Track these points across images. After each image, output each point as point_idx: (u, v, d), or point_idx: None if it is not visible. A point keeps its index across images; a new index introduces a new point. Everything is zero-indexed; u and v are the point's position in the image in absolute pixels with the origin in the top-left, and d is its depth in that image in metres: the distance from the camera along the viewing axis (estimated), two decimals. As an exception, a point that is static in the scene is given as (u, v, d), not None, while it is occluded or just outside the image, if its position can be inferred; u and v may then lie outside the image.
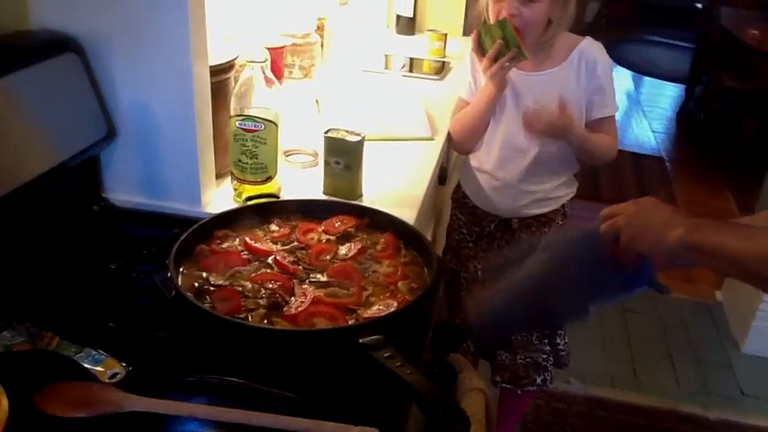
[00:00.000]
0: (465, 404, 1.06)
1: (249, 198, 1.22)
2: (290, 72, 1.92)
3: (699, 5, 5.17)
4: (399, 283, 1.00)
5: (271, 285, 0.97)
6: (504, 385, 1.80)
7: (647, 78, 6.24)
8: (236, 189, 1.29)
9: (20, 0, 1.14)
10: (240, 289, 0.96)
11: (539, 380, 1.80)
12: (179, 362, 0.89)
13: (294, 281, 0.99)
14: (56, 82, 1.09)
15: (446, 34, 2.34)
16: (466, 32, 2.58)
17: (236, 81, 1.28)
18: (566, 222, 1.77)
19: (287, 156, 1.46)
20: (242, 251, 1.05)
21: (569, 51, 1.62)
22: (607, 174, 4.15)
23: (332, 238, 1.10)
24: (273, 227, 1.12)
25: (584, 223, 1.01)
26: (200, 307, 0.90)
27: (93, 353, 0.89)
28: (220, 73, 1.28)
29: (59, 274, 1.04)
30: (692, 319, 2.90)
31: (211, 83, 1.24)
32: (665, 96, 5.80)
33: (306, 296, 0.95)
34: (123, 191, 1.26)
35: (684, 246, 0.85)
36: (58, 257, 1.09)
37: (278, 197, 1.25)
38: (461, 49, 1.70)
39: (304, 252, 1.06)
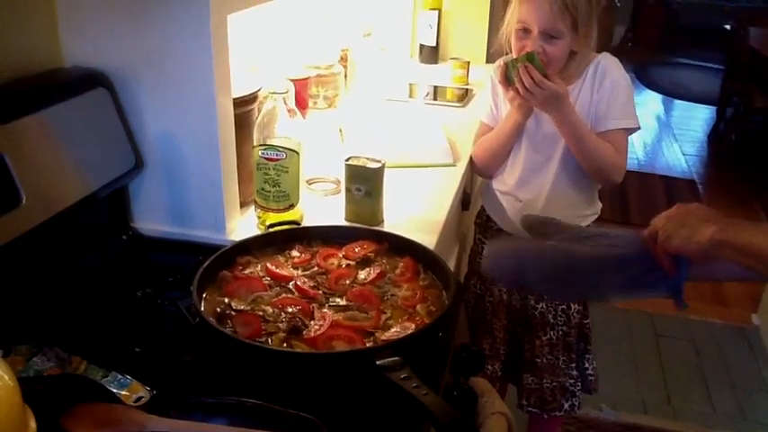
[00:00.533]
0: (487, 428, 1.06)
1: (271, 225, 1.25)
2: (315, 102, 1.97)
3: (727, 27, 5.12)
4: (418, 306, 1.02)
5: (291, 310, 0.99)
6: (530, 409, 1.79)
7: (677, 101, 6.20)
8: (259, 217, 1.32)
9: (54, 40, 1.20)
10: (261, 314, 0.98)
11: (566, 405, 1.79)
12: (202, 385, 0.91)
13: (314, 305, 1.01)
14: (87, 116, 1.14)
15: (468, 62, 2.37)
16: (488, 60, 2.61)
17: (259, 112, 1.32)
18: None
19: (310, 184, 1.50)
20: (263, 277, 1.08)
21: (584, 67, 1.63)
22: (637, 197, 4.13)
23: (352, 263, 1.12)
24: (295, 253, 1.14)
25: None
26: (221, 331, 0.92)
27: (120, 377, 0.91)
28: (244, 104, 1.32)
29: (88, 300, 1.08)
30: (727, 343, 2.84)
31: (235, 114, 1.28)
32: (696, 119, 5.75)
33: (325, 320, 0.96)
34: (151, 220, 1.30)
35: (714, 242, 0.89)
36: (87, 285, 1.12)
37: (299, 224, 1.28)
38: (483, 77, 1.72)
39: (324, 277, 1.08)
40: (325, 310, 1.00)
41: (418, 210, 1.44)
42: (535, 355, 1.77)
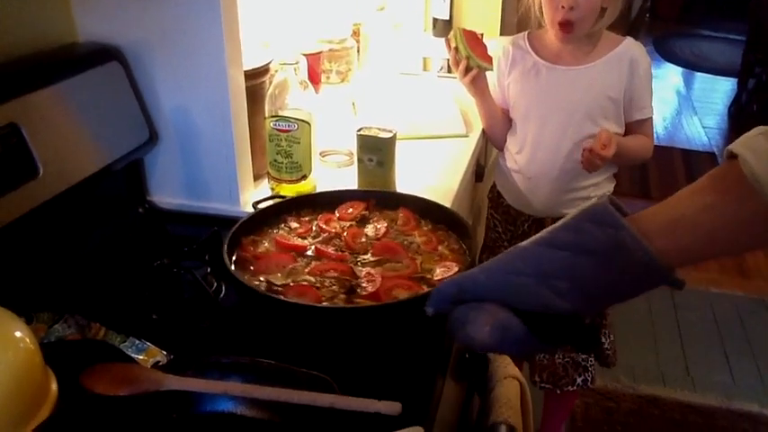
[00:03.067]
0: (500, 392, 1.07)
1: (256, 203, 1.23)
2: (328, 77, 1.97)
3: (748, -4, 5.03)
4: (440, 248, 1.06)
5: (333, 273, 1.00)
6: (543, 385, 1.80)
7: (698, 74, 6.10)
8: (273, 189, 1.33)
9: (68, 16, 1.21)
10: (306, 283, 0.98)
11: (579, 380, 1.79)
12: (218, 349, 0.93)
13: (350, 265, 1.02)
14: (101, 90, 1.15)
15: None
16: (503, 32, 2.59)
17: (271, 84, 1.33)
18: None
19: (323, 156, 1.50)
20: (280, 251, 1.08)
21: (610, 49, 1.62)
22: (657, 171, 4.08)
23: (352, 223, 1.13)
24: (293, 224, 1.14)
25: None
26: (291, 303, 0.92)
27: (137, 342, 0.93)
28: (256, 77, 1.33)
29: (107, 270, 1.10)
30: (748, 315, 2.82)
31: (247, 87, 1.29)
32: (717, 91, 5.66)
33: (373, 275, 0.98)
34: (167, 193, 1.32)
35: None
36: (105, 255, 1.15)
37: (284, 197, 1.25)
38: (497, 48, 1.72)
39: (338, 240, 1.09)
40: (360, 267, 1.01)
41: (431, 180, 1.45)
42: (548, 329, 1.77)
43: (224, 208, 1.28)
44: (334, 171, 1.46)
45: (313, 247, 1.07)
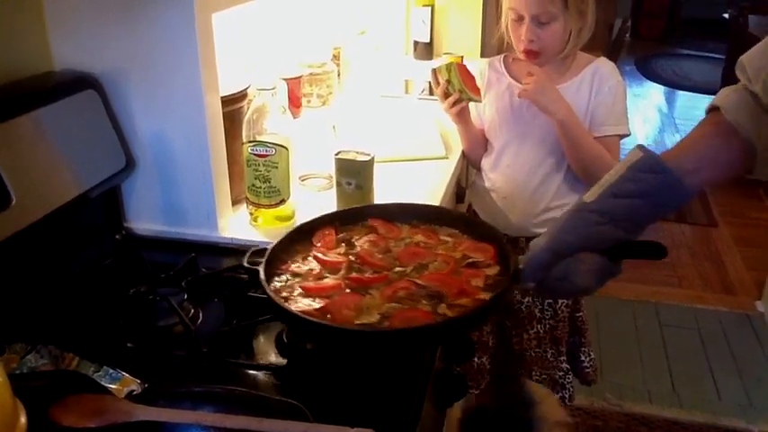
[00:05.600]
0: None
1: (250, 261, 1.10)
2: (309, 101, 1.98)
3: (725, 15, 5.11)
4: (442, 237, 1.09)
5: (402, 293, 0.95)
6: (523, 402, 1.80)
7: (679, 92, 6.18)
8: (251, 213, 1.33)
9: (44, 44, 1.21)
10: (400, 308, 0.93)
11: (556, 397, 1.79)
12: (194, 377, 0.92)
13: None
14: (77, 117, 1.15)
15: (462, 57, 2.38)
16: (483, 54, 2.61)
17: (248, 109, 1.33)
18: None
19: (303, 180, 1.51)
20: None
21: (582, 69, 1.64)
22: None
23: (345, 247, 1.09)
24: (304, 266, 1.05)
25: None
26: (421, 327, 0.88)
27: (111, 371, 0.92)
28: (233, 102, 1.34)
29: (82, 299, 1.09)
30: (733, 330, 2.83)
31: (225, 112, 1.29)
32: (698, 109, 5.71)
33: (437, 278, 0.98)
34: (144, 219, 1.31)
35: None
36: (81, 284, 1.14)
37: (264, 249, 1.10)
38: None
39: (358, 264, 1.03)
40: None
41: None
42: (523, 348, 1.78)
43: (202, 234, 1.28)
44: (313, 195, 1.46)
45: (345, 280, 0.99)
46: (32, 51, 1.20)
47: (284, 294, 0.96)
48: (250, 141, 1.27)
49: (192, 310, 1.08)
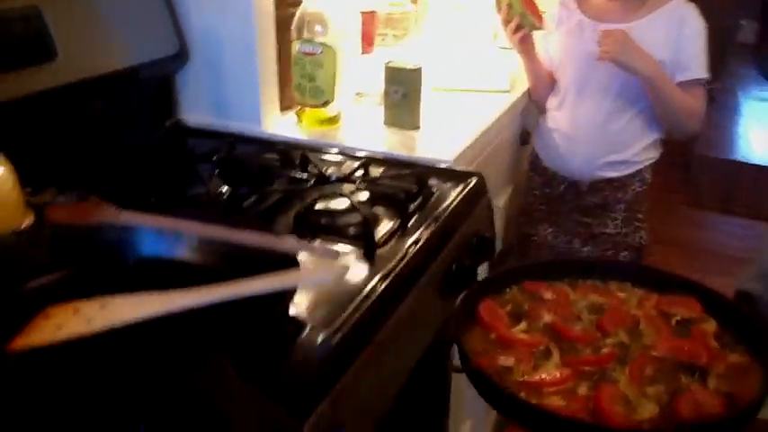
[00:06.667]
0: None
1: None
2: (383, 39, 1.98)
3: None
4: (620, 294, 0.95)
5: (650, 371, 0.81)
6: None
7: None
8: (298, 115, 1.35)
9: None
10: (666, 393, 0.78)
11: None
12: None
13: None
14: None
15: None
16: None
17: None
18: (644, 189, 1.68)
19: (359, 96, 1.50)
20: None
21: (659, 6, 1.56)
22: (746, 189, 3.84)
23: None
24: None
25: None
26: None
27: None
28: (289, 6, 1.35)
29: (119, 165, 1.13)
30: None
31: (280, 15, 1.31)
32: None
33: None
34: (194, 112, 1.35)
35: None
36: (122, 154, 1.17)
37: None
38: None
39: (555, 338, 0.86)
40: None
41: (466, 136, 1.38)
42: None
43: (246, 127, 1.31)
44: (364, 109, 1.46)
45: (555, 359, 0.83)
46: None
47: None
48: (298, 39, 1.28)
49: (222, 186, 1.09)
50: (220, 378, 0.50)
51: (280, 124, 1.34)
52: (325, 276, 0.68)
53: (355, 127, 1.35)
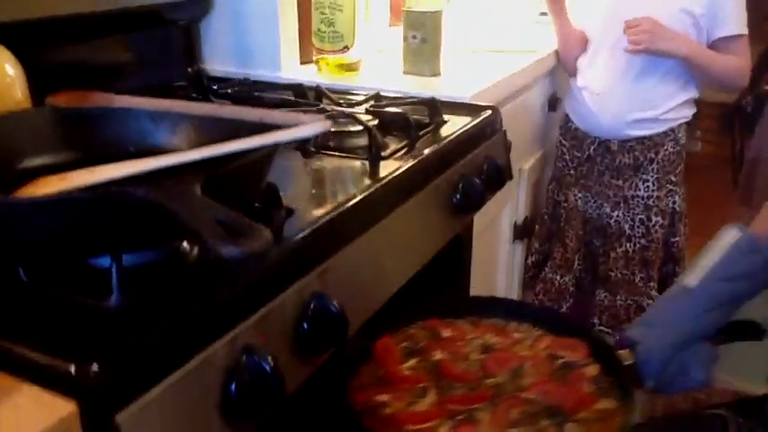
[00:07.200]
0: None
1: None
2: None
3: None
4: (515, 335, 0.94)
5: (516, 414, 0.79)
6: (602, 329, 1.65)
7: None
8: (317, 63, 1.35)
9: None
10: None
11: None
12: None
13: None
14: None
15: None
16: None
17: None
18: (678, 150, 1.62)
19: (381, 52, 1.50)
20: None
21: None
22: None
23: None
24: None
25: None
26: None
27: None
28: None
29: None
30: None
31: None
32: None
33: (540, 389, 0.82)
34: (216, 61, 1.37)
35: None
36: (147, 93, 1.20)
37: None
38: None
39: (439, 380, 0.85)
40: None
41: (486, 80, 1.37)
42: (609, 268, 1.64)
43: (266, 74, 1.32)
44: (384, 59, 1.46)
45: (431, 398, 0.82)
46: None
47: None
48: (319, -17, 1.30)
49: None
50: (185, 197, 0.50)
51: (300, 72, 1.35)
52: (306, 131, 0.66)
53: (374, 75, 1.35)
